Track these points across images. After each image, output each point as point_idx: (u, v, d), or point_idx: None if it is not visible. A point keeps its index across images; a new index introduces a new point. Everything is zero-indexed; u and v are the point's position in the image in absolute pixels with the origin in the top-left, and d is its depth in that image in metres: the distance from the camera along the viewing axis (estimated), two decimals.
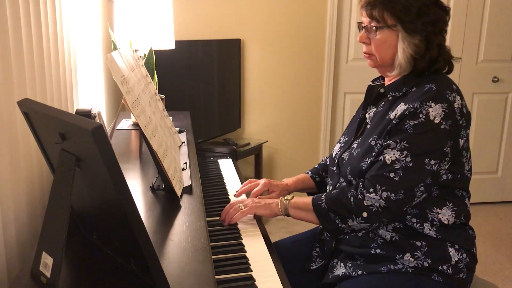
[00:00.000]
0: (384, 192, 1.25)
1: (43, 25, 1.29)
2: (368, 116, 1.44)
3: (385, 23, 1.31)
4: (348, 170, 1.37)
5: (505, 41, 3.54)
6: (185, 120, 2.24)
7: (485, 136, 3.69)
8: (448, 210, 1.32)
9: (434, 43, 1.30)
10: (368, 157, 1.32)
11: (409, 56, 1.31)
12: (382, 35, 1.33)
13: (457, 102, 1.28)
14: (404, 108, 1.28)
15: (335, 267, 1.40)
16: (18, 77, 1.11)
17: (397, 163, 1.25)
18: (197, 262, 0.93)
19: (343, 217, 1.29)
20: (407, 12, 1.28)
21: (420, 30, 1.29)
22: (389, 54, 1.34)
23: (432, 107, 1.24)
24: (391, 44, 1.32)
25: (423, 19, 1.28)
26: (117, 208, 0.79)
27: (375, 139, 1.33)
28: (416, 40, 1.29)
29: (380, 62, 1.37)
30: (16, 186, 1.09)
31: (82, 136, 0.74)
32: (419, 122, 1.24)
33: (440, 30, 1.32)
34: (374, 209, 1.26)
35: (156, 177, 1.36)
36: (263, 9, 3.29)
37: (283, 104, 3.47)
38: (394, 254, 1.31)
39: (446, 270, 1.29)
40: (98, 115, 1.31)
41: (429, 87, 1.28)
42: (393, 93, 1.37)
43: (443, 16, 1.33)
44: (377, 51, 1.35)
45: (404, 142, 1.25)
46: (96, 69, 2.15)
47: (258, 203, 1.42)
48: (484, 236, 3.24)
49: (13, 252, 1.06)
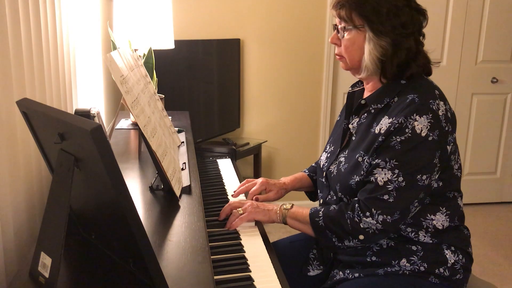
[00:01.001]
0: (380, 216, 1.24)
1: (43, 24, 1.29)
2: (352, 126, 1.41)
3: (353, 24, 1.28)
4: (338, 187, 1.36)
5: (504, 42, 3.55)
6: (184, 120, 2.24)
7: (484, 136, 3.70)
8: (442, 215, 1.31)
9: (403, 46, 1.26)
10: (356, 174, 1.31)
11: (375, 59, 1.28)
12: (350, 36, 1.30)
13: (441, 109, 1.25)
14: (389, 123, 1.25)
15: (335, 276, 1.40)
16: (17, 76, 1.11)
17: (389, 184, 1.23)
18: (196, 263, 0.93)
19: (340, 237, 1.29)
20: (376, 13, 1.24)
21: (388, 32, 1.25)
22: (358, 56, 1.31)
23: (417, 120, 1.21)
24: (359, 46, 1.29)
25: (393, 21, 1.24)
26: (116, 208, 0.79)
27: (362, 155, 1.31)
28: (383, 42, 1.25)
29: (349, 64, 1.35)
30: (15, 186, 1.09)
31: (81, 137, 0.74)
32: (406, 138, 1.22)
33: (411, 33, 1.27)
34: (370, 231, 1.25)
35: (155, 177, 1.36)
36: (263, 9, 3.29)
37: (282, 104, 3.47)
38: (390, 260, 1.31)
39: (443, 272, 1.29)
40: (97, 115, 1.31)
41: (411, 98, 1.25)
42: (374, 105, 1.33)
43: (416, 18, 1.28)
44: (346, 52, 1.33)
45: (394, 161, 1.23)
46: (95, 68, 2.15)
47: (257, 208, 1.41)
48: (482, 236, 3.25)
49: (11, 252, 1.06)
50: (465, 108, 3.64)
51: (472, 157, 3.72)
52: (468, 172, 3.73)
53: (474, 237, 1.37)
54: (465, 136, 3.68)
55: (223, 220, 1.44)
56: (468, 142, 3.70)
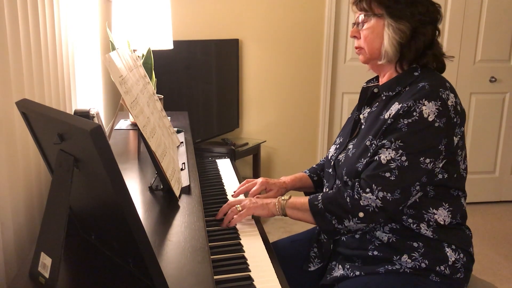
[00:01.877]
0: (380, 192, 1.25)
1: (41, 25, 1.29)
2: (363, 116, 1.44)
3: (372, 12, 1.34)
4: (344, 171, 1.37)
5: (502, 41, 3.55)
6: (183, 120, 2.24)
7: (483, 136, 3.70)
8: (444, 211, 1.32)
9: (420, 32, 1.31)
10: (363, 157, 1.33)
11: (395, 43, 1.32)
12: (369, 25, 1.35)
13: (451, 99, 1.28)
14: (398, 107, 1.28)
15: (333, 269, 1.40)
16: (16, 77, 1.11)
17: (392, 163, 1.25)
18: (196, 262, 0.94)
19: (339, 217, 1.29)
20: (395, 1, 1.31)
21: (408, 17, 1.31)
22: (376, 44, 1.36)
23: (426, 105, 1.24)
24: (379, 33, 1.34)
25: (411, 9, 1.31)
26: (115, 208, 0.79)
27: (370, 140, 1.33)
28: (402, 26, 1.31)
29: (369, 55, 1.39)
30: (14, 186, 1.09)
31: (81, 137, 0.74)
32: (413, 121, 1.25)
33: (428, 22, 1.32)
34: (370, 209, 1.26)
35: (154, 177, 1.36)
36: (261, 9, 3.29)
37: (281, 104, 3.47)
38: (391, 256, 1.32)
39: (444, 270, 1.30)
40: (96, 115, 1.31)
41: (422, 85, 1.28)
42: (386, 93, 1.37)
43: (433, 10, 1.34)
44: (365, 42, 1.38)
45: (399, 141, 1.25)
46: (94, 69, 2.15)
47: (255, 203, 1.42)
48: (481, 236, 3.25)
49: (11, 252, 1.06)
50: (464, 107, 3.63)
51: (471, 156, 3.70)
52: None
53: (473, 236, 1.38)
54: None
55: (220, 219, 1.43)
56: (467, 141, 3.71)
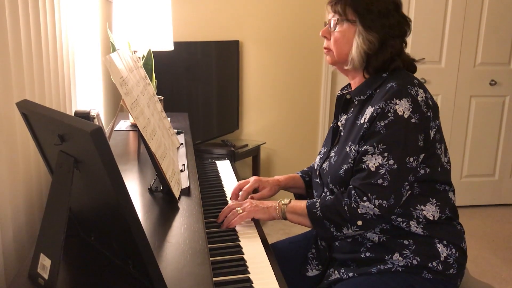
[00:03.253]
0: (376, 200, 1.25)
1: (42, 26, 1.29)
2: (341, 124, 1.46)
3: (346, 17, 1.36)
4: (329, 179, 1.39)
5: (502, 44, 3.56)
6: (183, 122, 2.24)
7: (483, 139, 3.70)
8: (432, 206, 1.33)
9: (388, 44, 1.33)
10: (345, 163, 1.34)
11: (362, 52, 1.34)
12: (341, 29, 1.37)
13: (420, 95, 1.29)
14: (372, 110, 1.30)
15: (330, 276, 1.41)
16: (17, 78, 1.11)
17: (381, 168, 1.25)
18: (195, 264, 0.93)
19: (338, 225, 1.30)
20: (368, 10, 1.33)
21: (377, 28, 1.33)
22: (346, 49, 1.37)
23: (398, 103, 1.26)
24: (349, 39, 1.36)
25: (383, 20, 1.33)
26: (115, 209, 0.79)
27: (349, 145, 1.35)
28: (371, 37, 1.33)
29: (336, 58, 1.40)
30: (14, 187, 1.09)
31: (81, 138, 0.75)
32: (389, 121, 1.26)
33: (397, 35, 1.34)
34: (368, 217, 1.26)
35: (154, 178, 1.36)
36: (262, 11, 3.29)
37: (281, 105, 3.47)
38: (383, 256, 1.32)
39: (436, 266, 1.30)
40: (97, 116, 1.31)
41: (390, 85, 1.30)
42: (358, 97, 1.39)
43: (402, 24, 1.36)
44: (335, 45, 1.39)
45: (381, 145, 1.26)
46: (94, 70, 2.15)
47: (256, 206, 1.42)
48: (481, 238, 3.25)
49: (11, 253, 1.06)
50: (463, 111, 3.64)
51: (470, 159, 3.73)
52: (467, 174, 3.73)
53: (472, 239, 1.38)
54: (464, 138, 3.69)
55: (221, 222, 1.44)
56: (467, 144, 3.71)
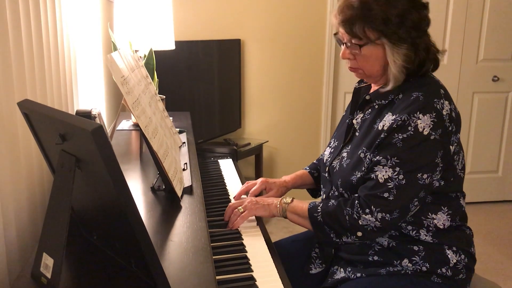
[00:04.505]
0: (379, 213, 1.24)
1: (43, 25, 1.29)
2: (356, 122, 1.41)
3: (369, 39, 1.26)
4: (339, 182, 1.37)
5: (505, 40, 3.54)
6: (185, 121, 2.24)
7: (486, 135, 3.69)
8: (443, 215, 1.31)
9: (421, 46, 1.27)
10: (357, 170, 1.31)
11: (401, 66, 1.26)
12: (367, 52, 1.28)
13: (446, 108, 1.24)
14: (392, 119, 1.26)
15: (335, 273, 1.40)
16: (18, 78, 1.11)
17: (390, 182, 1.23)
18: (198, 263, 0.93)
19: (338, 233, 1.29)
20: (387, 23, 1.23)
21: (405, 37, 1.24)
22: (378, 66, 1.30)
23: (421, 118, 1.21)
24: (378, 57, 1.28)
25: (405, 25, 1.24)
26: (117, 208, 0.79)
27: (364, 151, 1.31)
28: (404, 49, 1.25)
29: (368, 75, 1.34)
30: (17, 187, 1.09)
31: (82, 137, 0.74)
32: (408, 136, 1.22)
33: (424, 32, 1.28)
34: (369, 229, 1.25)
35: (156, 177, 1.36)
36: (263, 9, 3.29)
37: (283, 104, 3.47)
38: (391, 260, 1.31)
39: (445, 272, 1.29)
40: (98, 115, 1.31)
41: (416, 95, 1.25)
42: (379, 101, 1.34)
43: (423, 14, 1.27)
44: (364, 66, 1.32)
45: (395, 158, 1.23)
46: (96, 69, 2.15)
47: (257, 203, 1.41)
48: (484, 235, 3.24)
49: (14, 253, 1.06)
50: (466, 107, 3.63)
51: (473, 156, 3.72)
52: (470, 171, 3.72)
53: (476, 236, 1.37)
54: (467, 134, 3.68)
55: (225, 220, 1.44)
56: (470, 141, 3.70)
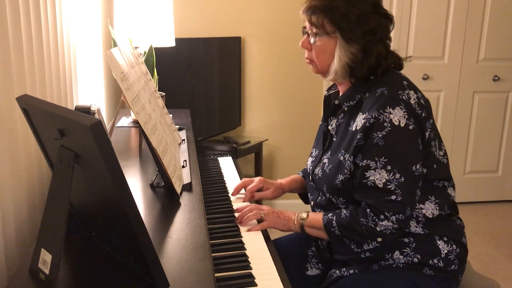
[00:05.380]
0: (393, 216, 1.24)
1: (43, 21, 1.28)
2: (331, 128, 1.43)
3: (324, 30, 1.29)
4: (325, 188, 1.37)
5: (506, 39, 3.54)
6: (185, 118, 2.24)
7: (486, 134, 3.69)
8: (431, 204, 1.32)
9: (373, 52, 1.28)
10: (340, 173, 1.32)
11: (345, 64, 1.30)
12: (321, 42, 1.32)
13: (412, 97, 1.26)
14: (363, 118, 1.27)
15: (332, 276, 1.40)
16: (18, 73, 1.11)
17: (390, 184, 1.23)
18: (197, 260, 0.93)
19: (358, 243, 1.30)
20: (346, 20, 1.26)
21: (359, 38, 1.27)
22: (328, 61, 1.33)
23: (392, 112, 1.23)
24: (331, 51, 1.31)
25: (362, 27, 1.26)
26: (116, 205, 0.79)
27: (343, 154, 1.32)
28: (353, 49, 1.27)
29: (320, 69, 1.37)
30: (16, 182, 1.09)
31: (81, 132, 0.74)
32: (387, 132, 1.23)
33: (380, 39, 1.29)
34: (388, 232, 1.26)
35: (155, 174, 1.36)
36: (264, 7, 3.28)
37: (283, 102, 3.46)
38: (383, 255, 1.32)
39: (437, 263, 1.30)
40: (97, 111, 1.31)
41: (381, 91, 1.26)
42: (347, 103, 1.36)
43: (384, 24, 1.30)
44: (317, 57, 1.35)
45: (383, 158, 1.23)
46: (96, 65, 2.15)
47: (278, 218, 1.40)
48: (484, 235, 3.24)
49: (12, 248, 1.06)
50: (466, 106, 3.63)
51: (473, 155, 3.71)
52: (470, 170, 3.72)
53: (475, 236, 1.37)
54: (467, 134, 3.68)
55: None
56: (470, 140, 3.69)
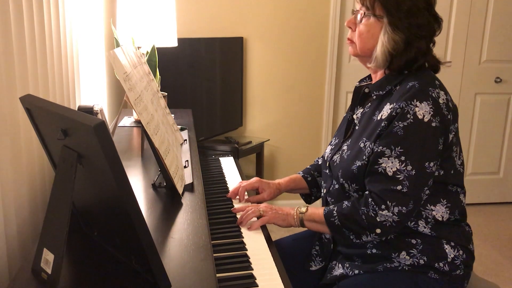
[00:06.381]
0: (395, 207, 1.24)
1: (46, 21, 1.29)
2: (356, 117, 1.43)
3: (374, 12, 1.31)
4: (340, 173, 1.37)
5: (508, 41, 3.53)
6: (187, 118, 2.24)
7: (487, 136, 3.68)
8: (442, 207, 1.31)
9: (414, 45, 1.29)
10: (358, 160, 1.32)
11: (386, 51, 1.30)
12: (367, 23, 1.33)
13: (442, 97, 1.27)
14: (390, 108, 1.28)
15: (333, 268, 1.40)
16: (21, 73, 1.11)
17: (399, 174, 1.23)
18: (198, 260, 0.93)
19: (357, 234, 1.30)
20: (397, 7, 1.28)
21: (404, 28, 1.28)
22: (369, 45, 1.34)
23: (418, 106, 1.23)
24: (374, 35, 1.32)
25: (411, 19, 1.28)
26: (118, 205, 0.79)
27: (364, 141, 1.32)
28: (397, 37, 1.28)
29: (359, 51, 1.37)
30: (18, 182, 1.09)
31: (84, 132, 0.74)
32: (408, 124, 1.23)
33: (424, 36, 1.29)
34: (388, 224, 1.25)
35: (157, 174, 1.36)
36: (266, 7, 3.28)
37: (285, 102, 3.46)
38: (389, 253, 1.32)
39: (443, 267, 1.29)
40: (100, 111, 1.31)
41: (412, 84, 1.27)
42: (377, 92, 1.36)
43: (432, 24, 1.31)
44: (359, 38, 1.35)
45: (399, 148, 1.23)
46: (98, 65, 2.15)
47: (277, 213, 1.41)
48: (485, 237, 3.24)
49: (14, 248, 1.06)
50: (468, 108, 3.63)
51: (475, 157, 3.71)
52: (471, 172, 3.72)
53: (477, 237, 1.37)
54: (468, 135, 3.67)
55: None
56: (471, 142, 3.69)
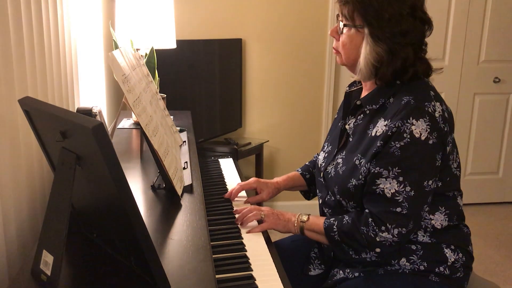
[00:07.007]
0: (395, 229, 1.23)
1: (45, 23, 1.29)
2: (348, 127, 1.39)
3: (353, 23, 1.26)
4: (336, 189, 1.35)
5: (506, 41, 3.54)
6: (186, 120, 2.24)
7: (486, 136, 3.69)
8: (441, 215, 1.30)
9: (399, 55, 1.22)
10: (353, 177, 1.30)
11: (370, 64, 1.24)
12: (348, 34, 1.28)
13: (438, 110, 1.22)
14: (384, 126, 1.24)
15: (335, 275, 1.40)
16: (19, 75, 1.11)
17: (398, 196, 1.21)
18: (198, 261, 0.93)
19: (356, 250, 1.30)
20: (377, 16, 1.21)
21: (386, 39, 1.21)
22: (353, 55, 1.29)
23: (415, 124, 1.19)
24: (356, 46, 1.27)
25: (393, 28, 1.21)
26: (117, 206, 0.79)
27: (359, 158, 1.29)
28: (379, 49, 1.22)
29: (344, 61, 1.33)
30: (17, 184, 1.09)
31: (83, 134, 0.74)
32: (405, 143, 1.20)
33: (409, 43, 1.23)
34: (387, 244, 1.25)
35: (156, 176, 1.36)
36: (265, 9, 3.29)
37: (284, 103, 3.46)
38: (389, 260, 1.31)
39: (443, 271, 1.29)
40: (99, 113, 1.31)
41: (407, 100, 1.22)
42: (370, 106, 1.32)
43: (419, 28, 1.24)
44: (342, 48, 1.31)
45: (396, 168, 1.21)
46: (97, 67, 2.15)
47: (278, 219, 1.41)
48: (484, 236, 3.24)
49: (13, 250, 1.06)
50: (467, 108, 3.63)
51: (474, 157, 3.71)
52: (470, 172, 3.72)
53: (476, 237, 1.37)
54: (467, 136, 3.68)
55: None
56: (470, 142, 3.69)
